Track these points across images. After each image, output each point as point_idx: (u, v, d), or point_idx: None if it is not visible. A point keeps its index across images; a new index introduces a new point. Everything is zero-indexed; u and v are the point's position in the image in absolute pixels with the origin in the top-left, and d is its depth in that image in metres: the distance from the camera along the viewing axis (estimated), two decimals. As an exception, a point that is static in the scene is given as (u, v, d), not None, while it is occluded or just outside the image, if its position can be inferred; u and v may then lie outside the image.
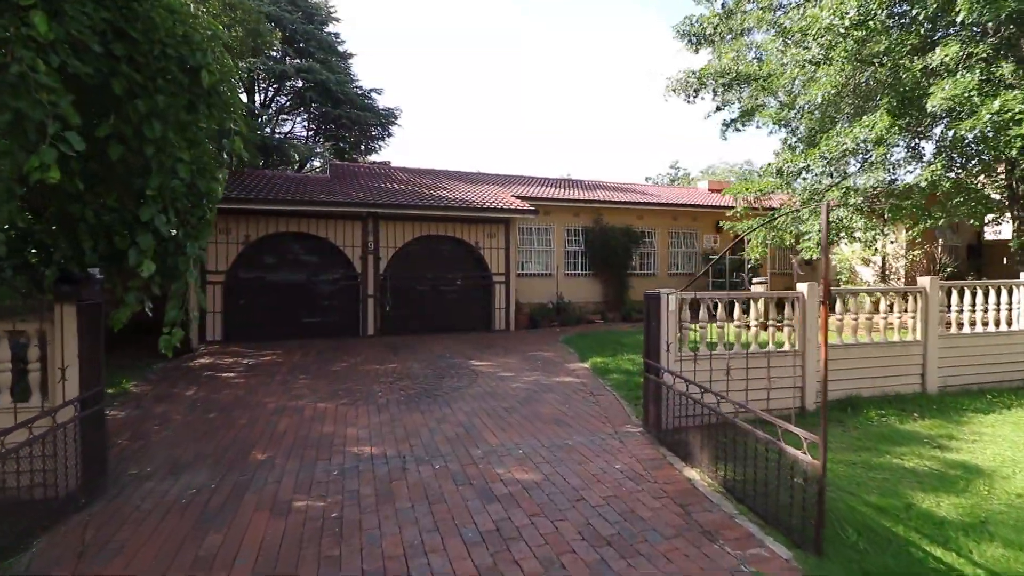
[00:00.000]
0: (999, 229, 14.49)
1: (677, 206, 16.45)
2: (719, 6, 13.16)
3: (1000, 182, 10.62)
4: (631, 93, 77.57)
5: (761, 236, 11.01)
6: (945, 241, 16.04)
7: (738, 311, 5.57)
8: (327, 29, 23.34)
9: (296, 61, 21.80)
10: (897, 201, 9.17)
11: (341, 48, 23.79)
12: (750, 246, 11.62)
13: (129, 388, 7.25)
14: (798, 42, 9.59)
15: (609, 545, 3.22)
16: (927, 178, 9.01)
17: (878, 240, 10.45)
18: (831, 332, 6.05)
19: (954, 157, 9.36)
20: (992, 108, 7.58)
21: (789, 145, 11.94)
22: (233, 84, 4.61)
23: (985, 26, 8.72)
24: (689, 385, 4.48)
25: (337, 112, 22.45)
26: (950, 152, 9.46)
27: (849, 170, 11.27)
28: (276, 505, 3.84)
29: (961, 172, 9.53)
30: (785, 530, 3.31)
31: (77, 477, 3.94)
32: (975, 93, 7.97)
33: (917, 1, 8.81)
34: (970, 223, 11.82)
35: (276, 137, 23.24)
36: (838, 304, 6.00)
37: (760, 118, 13.00)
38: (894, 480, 4.12)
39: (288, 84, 22.89)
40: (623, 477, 4.19)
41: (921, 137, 10.34)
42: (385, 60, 66.21)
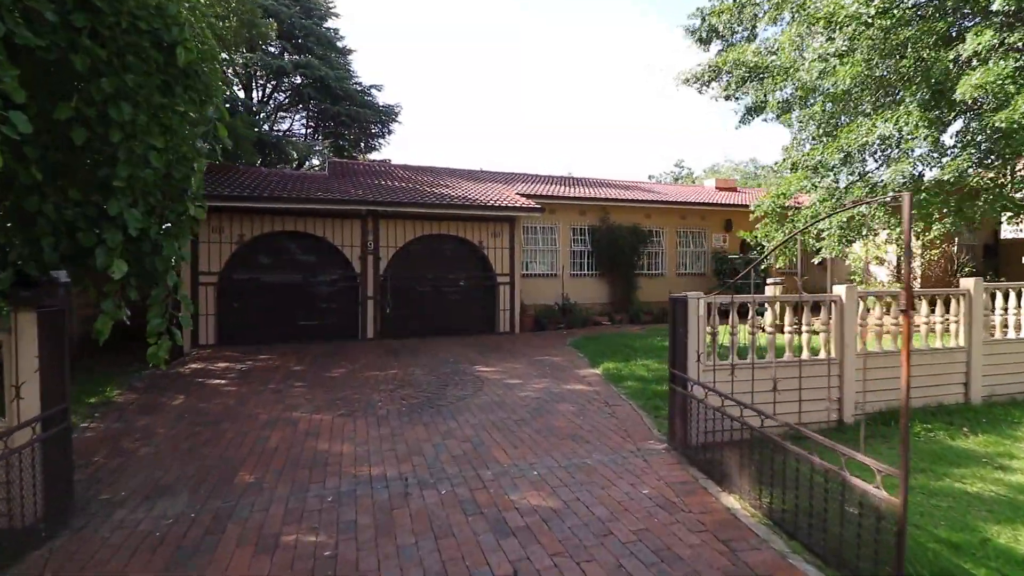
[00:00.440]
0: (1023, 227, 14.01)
1: (686, 204, 15.99)
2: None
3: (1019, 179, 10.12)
4: (631, 89, 77.19)
5: (784, 238, 10.50)
6: (961, 240, 15.57)
7: (770, 317, 5.10)
8: (326, 24, 22.87)
9: (294, 57, 21.32)
10: (928, 196, 8.66)
11: (340, 44, 23.32)
12: (768, 247, 11.10)
13: (113, 397, 6.80)
14: (823, 31, 9.10)
15: (646, 593, 2.77)
16: (953, 171, 8.53)
17: (901, 239, 9.91)
18: (869, 338, 5.59)
19: (983, 149, 8.86)
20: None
21: (812, 138, 11.45)
22: (216, 68, 4.14)
23: (1021, 14, 8.24)
24: (725, 401, 4.01)
25: (336, 109, 21.98)
26: (977, 143, 8.96)
27: (868, 166, 10.79)
28: (262, 539, 3.38)
29: (995, 165, 9.03)
30: (851, 574, 2.85)
31: (37, 506, 3.48)
32: (1010, 82, 7.50)
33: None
34: (996, 218, 11.31)
35: (274, 134, 22.78)
36: (877, 307, 5.53)
37: (772, 111, 12.53)
38: (960, 509, 3.65)
39: (286, 80, 22.43)
40: (653, 505, 3.72)
41: (942, 131, 9.85)
42: (384, 56, 65.77)
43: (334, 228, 10.98)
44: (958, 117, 9.47)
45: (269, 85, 23.06)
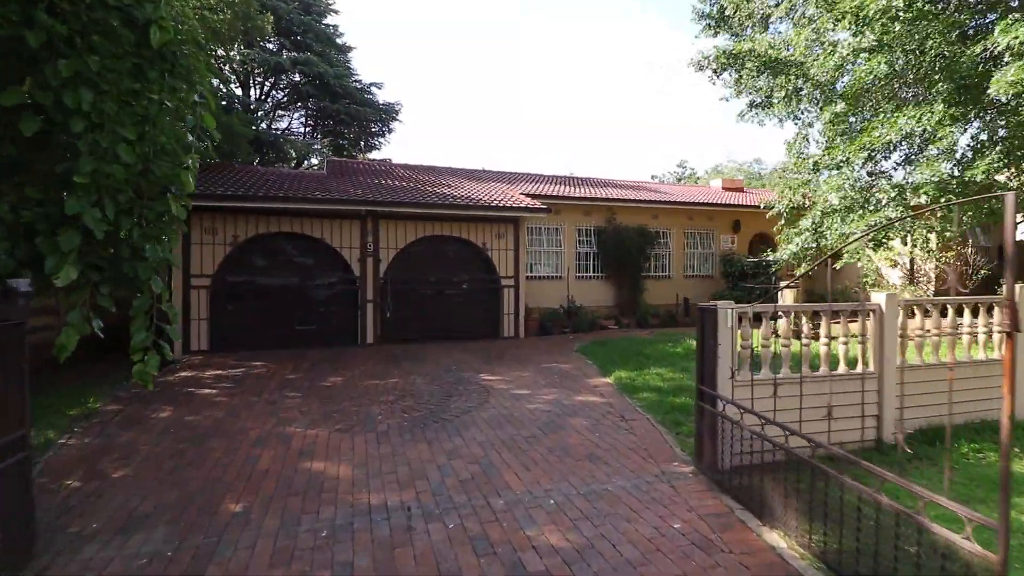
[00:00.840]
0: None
1: (694, 205, 15.58)
2: None
3: None
4: (631, 86, 76.69)
5: (804, 243, 10.07)
6: (975, 242, 15.16)
7: (806, 327, 4.69)
8: (325, 21, 22.44)
9: (293, 54, 20.89)
10: (961, 192, 8.22)
11: (339, 41, 22.90)
12: (785, 250, 10.66)
13: (96, 408, 6.38)
14: (849, 26, 8.70)
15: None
16: (984, 170, 8.13)
17: (930, 241, 9.53)
18: (906, 349, 5.17)
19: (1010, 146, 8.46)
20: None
21: (822, 135, 11.04)
22: (199, 52, 3.72)
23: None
24: (767, 425, 3.59)
25: (336, 107, 21.56)
26: (1002, 139, 8.55)
27: (883, 165, 10.39)
28: (245, 586, 2.97)
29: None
30: (930, 637, 2.44)
31: (-9, 546, 3.06)
32: None
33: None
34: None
35: (272, 133, 22.36)
36: (917, 316, 5.12)
37: (781, 108, 12.14)
38: (1037, 549, 3.24)
39: (285, 78, 22.02)
40: (688, 543, 3.31)
41: (965, 129, 9.45)
42: (384, 53, 65.25)
43: (332, 229, 10.57)
44: (981, 114, 9.07)
45: (267, 83, 22.64)
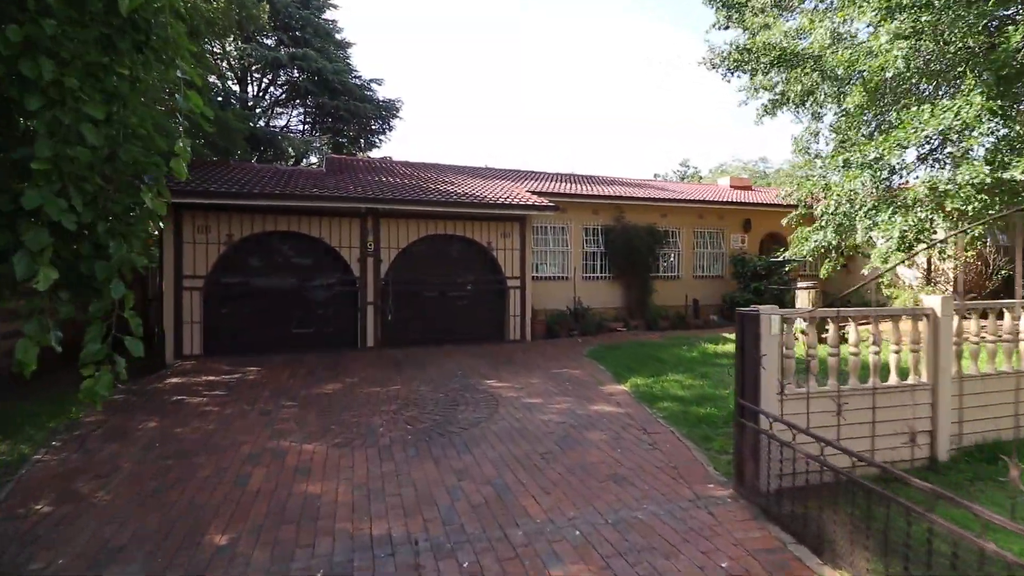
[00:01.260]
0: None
1: (705, 203, 15.15)
2: None
3: None
4: (631, 82, 76.31)
5: (822, 241, 9.61)
6: (995, 241, 14.74)
7: (854, 334, 4.25)
8: (324, 16, 22.01)
9: (291, 49, 20.44)
10: (1009, 191, 7.77)
11: (339, 36, 22.47)
12: (803, 246, 10.20)
13: (78, 419, 5.95)
14: (874, 15, 8.26)
15: None
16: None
17: (964, 242, 9.08)
18: (962, 358, 4.74)
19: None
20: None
21: (834, 130, 10.63)
22: (178, 24, 3.28)
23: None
24: (825, 449, 3.15)
25: (335, 104, 21.11)
26: None
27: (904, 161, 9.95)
28: (227, 642, 2.53)
29: None
30: None
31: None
32: None
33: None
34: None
35: (270, 130, 21.92)
36: (972, 322, 4.69)
37: (795, 102, 11.73)
38: None
39: (283, 74, 21.59)
40: (740, 587, 2.88)
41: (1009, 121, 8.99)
42: (384, 50, 64.75)
43: (331, 228, 10.13)
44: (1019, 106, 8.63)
45: (265, 79, 22.20)
